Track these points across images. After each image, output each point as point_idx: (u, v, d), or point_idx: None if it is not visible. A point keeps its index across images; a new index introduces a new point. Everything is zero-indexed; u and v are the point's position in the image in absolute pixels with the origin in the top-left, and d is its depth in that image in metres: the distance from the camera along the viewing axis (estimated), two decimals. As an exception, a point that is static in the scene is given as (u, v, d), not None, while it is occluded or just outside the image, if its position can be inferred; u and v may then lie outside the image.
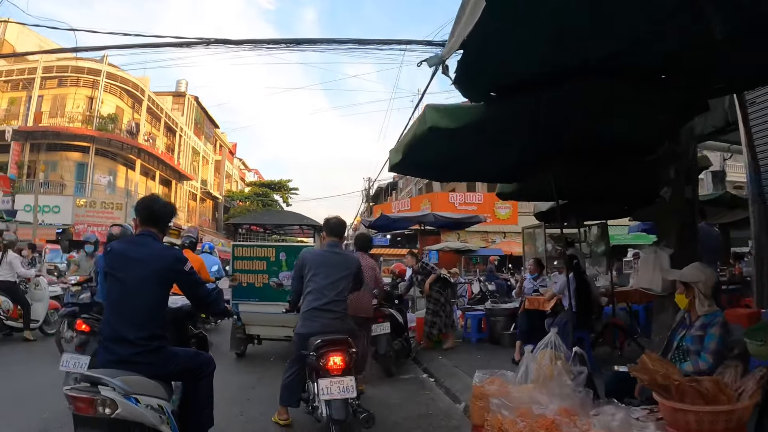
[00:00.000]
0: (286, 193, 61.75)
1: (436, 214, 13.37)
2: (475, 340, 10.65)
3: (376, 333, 7.83)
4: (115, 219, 30.82)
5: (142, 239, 3.74)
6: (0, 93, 33.88)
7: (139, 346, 3.37)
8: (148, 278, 3.51)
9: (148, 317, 3.48)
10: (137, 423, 3.10)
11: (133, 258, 3.56)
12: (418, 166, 6.67)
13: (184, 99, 46.00)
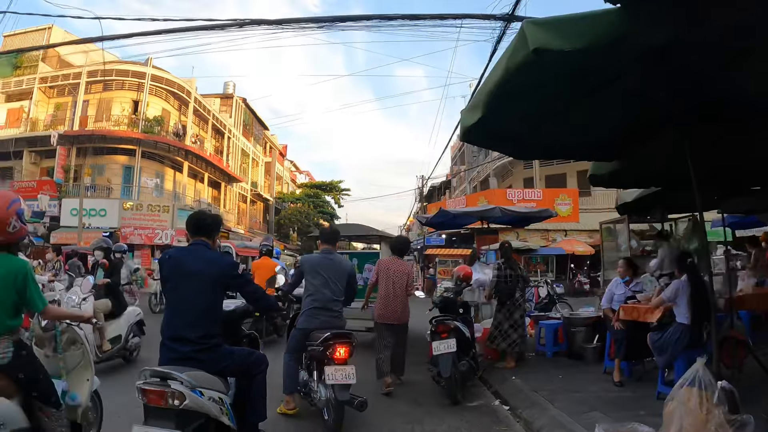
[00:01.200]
0: (337, 194, 61.31)
1: (503, 209, 11.70)
2: (550, 353, 9.15)
3: (439, 352, 6.63)
4: (162, 222, 30.70)
5: (196, 248, 4.03)
6: (46, 99, 34.16)
7: (198, 344, 3.66)
8: (204, 283, 3.81)
9: (205, 318, 3.77)
10: (201, 414, 3.38)
11: (189, 265, 3.87)
12: (496, 132, 4.77)
13: (231, 101, 45.70)
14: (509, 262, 8.75)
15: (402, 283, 7.40)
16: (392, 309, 7.36)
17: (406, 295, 7.48)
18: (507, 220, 12.18)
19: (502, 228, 27.71)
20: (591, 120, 4.72)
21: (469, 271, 9.02)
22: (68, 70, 33.73)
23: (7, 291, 3.36)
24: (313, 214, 55.02)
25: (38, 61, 33.78)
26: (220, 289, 3.97)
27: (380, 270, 7.59)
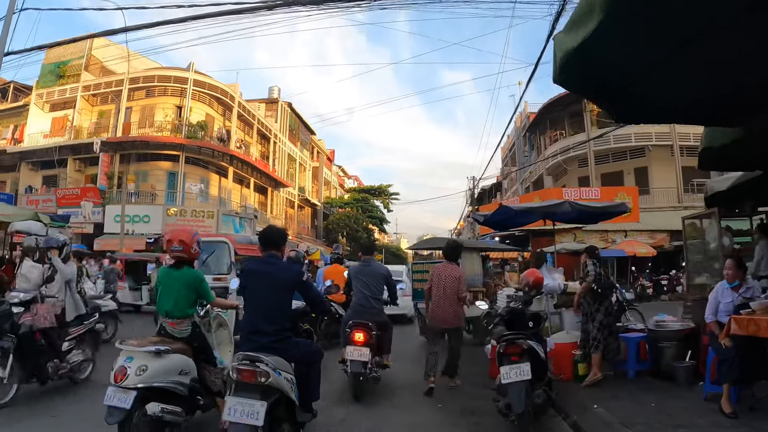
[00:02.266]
0: (386, 198, 60.26)
1: (574, 203, 10.34)
2: (633, 372, 7.56)
3: (509, 380, 5.34)
4: (206, 227, 29.99)
5: (269, 259, 4.85)
6: (90, 107, 34.13)
7: (274, 336, 4.49)
8: (277, 287, 4.66)
9: (279, 315, 4.63)
10: (278, 390, 4.23)
11: (265, 273, 4.72)
12: (597, 76, 3.64)
13: (276, 105, 45.12)
14: (600, 265, 7.65)
15: (452, 288, 7.52)
16: (442, 313, 7.54)
17: (457, 300, 7.56)
18: (575, 216, 10.78)
19: (559, 229, 25.96)
20: (712, 71, 3.54)
21: (540, 277, 7.38)
22: (111, 77, 33.57)
23: (190, 291, 5.18)
24: (362, 219, 54.09)
25: (81, 71, 33.73)
26: (289, 292, 4.79)
27: (433, 275, 7.82)
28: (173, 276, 5.33)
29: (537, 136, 38.86)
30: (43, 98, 34.68)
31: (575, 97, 32.25)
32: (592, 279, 7.37)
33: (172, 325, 5.20)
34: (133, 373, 4.41)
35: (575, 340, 7.69)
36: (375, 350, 7.14)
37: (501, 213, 11.25)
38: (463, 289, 7.61)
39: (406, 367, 8.80)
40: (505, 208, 11.26)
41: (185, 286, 5.22)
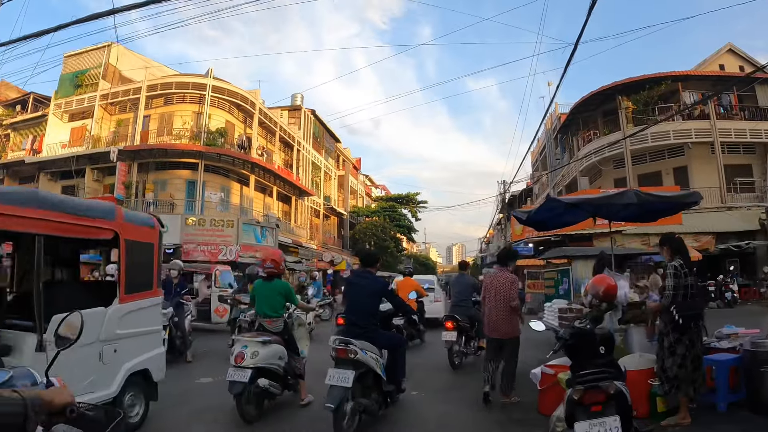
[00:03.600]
0: (414, 206, 59.03)
1: (640, 193, 8.59)
2: (724, 405, 6.02)
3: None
4: (225, 237, 29.07)
5: (364, 274, 6.83)
6: (108, 116, 33.56)
7: (364, 328, 6.24)
8: (367, 294, 6.48)
9: (369, 314, 6.44)
10: (365, 364, 5.87)
11: (360, 284, 6.63)
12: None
13: (300, 113, 44.15)
14: (689, 264, 5.98)
15: (503, 295, 7.27)
16: (494, 322, 7.35)
17: (509, 308, 7.24)
18: (635, 211, 9.14)
19: (596, 233, 24.51)
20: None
21: (613, 285, 5.57)
22: (128, 85, 32.97)
23: (281, 297, 7.20)
24: (389, 228, 52.90)
25: (99, 79, 33.20)
26: (377, 298, 6.59)
27: (485, 282, 7.81)
28: (268, 286, 7.34)
29: (569, 137, 37.23)
30: (61, 108, 34.18)
31: (608, 94, 30.87)
32: (669, 299, 5.75)
33: (269, 322, 7.16)
34: (248, 356, 6.45)
35: (650, 366, 6.09)
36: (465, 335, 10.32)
37: (547, 208, 9.74)
38: (515, 296, 7.30)
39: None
40: (553, 202, 9.66)
41: (277, 293, 7.26)
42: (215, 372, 9.31)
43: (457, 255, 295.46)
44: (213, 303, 17.26)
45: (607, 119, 32.52)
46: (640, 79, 29.08)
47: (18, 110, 37.49)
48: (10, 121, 36.67)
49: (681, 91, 28.68)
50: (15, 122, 36.58)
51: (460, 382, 8.89)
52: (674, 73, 28.97)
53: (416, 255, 75.63)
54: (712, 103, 28.08)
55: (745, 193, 27.49)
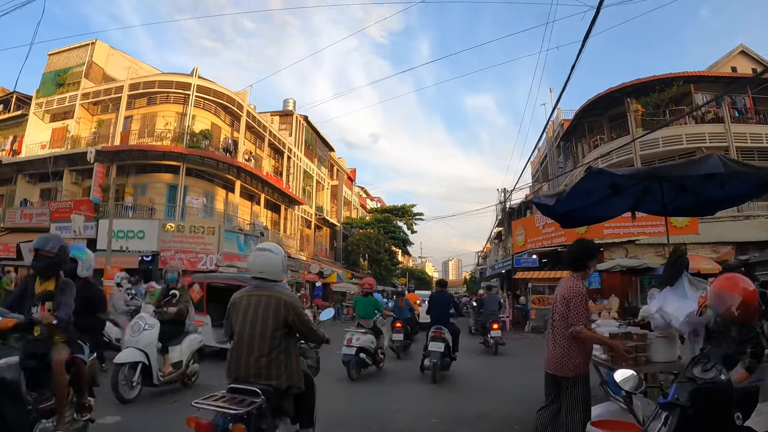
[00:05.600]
0: (410, 218, 57.68)
1: (728, 159, 5.76)
2: None
3: None
4: (206, 245, 27.69)
5: (441, 292, 12.63)
6: (90, 116, 32.27)
7: (443, 323, 11.59)
8: (445, 305, 11.94)
9: (445, 314, 11.83)
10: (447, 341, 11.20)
11: (440, 298, 12.20)
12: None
13: (291, 119, 42.78)
14: None
15: (560, 311, 4.79)
16: (549, 350, 4.95)
17: (566, 331, 4.70)
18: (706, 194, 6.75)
19: (607, 243, 23.04)
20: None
21: (752, 291, 3.49)
22: (110, 84, 31.66)
23: (373, 307, 11.86)
24: (384, 240, 51.50)
25: (81, 78, 31.91)
26: (449, 306, 11.90)
27: (555, 295, 5.19)
28: (365, 301, 11.93)
29: (572, 144, 35.72)
30: (42, 108, 32.99)
31: (615, 97, 29.42)
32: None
33: (365, 322, 11.65)
34: (354, 340, 10.86)
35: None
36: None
37: (584, 189, 6.49)
38: (579, 317, 4.56)
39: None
40: (597, 176, 6.18)
41: (372, 305, 11.84)
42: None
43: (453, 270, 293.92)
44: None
45: (613, 124, 31.07)
46: (650, 80, 27.62)
47: (0, 110, 36.17)
48: (-11, 121, 35.31)
49: (693, 93, 27.23)
50: (-6, 122, 35.23)
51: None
52: (686, 73, 27.51)
53: (412, 269, 74.28)
54: (726, 105, 26.76)
55: (763, 202, 25.80)
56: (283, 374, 4.12)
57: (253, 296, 4.28)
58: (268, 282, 4.40)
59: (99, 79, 32.93)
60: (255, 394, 3.87)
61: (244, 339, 4.15)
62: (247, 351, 4.12)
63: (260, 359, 4.07)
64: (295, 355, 4.35)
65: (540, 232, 27.62)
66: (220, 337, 12.62)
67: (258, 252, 4.50)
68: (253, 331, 4.14)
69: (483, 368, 13.17)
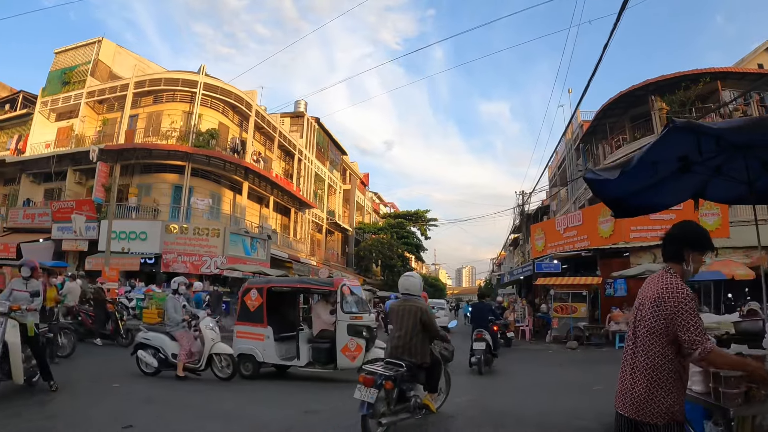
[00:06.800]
0: (423, 224, 56.58)
1: None
2: None
3: None
4: (211, 247, 26.86)
5: (482, 302, 14.54)
6: (95, 115, 31.60)
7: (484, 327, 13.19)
8: (485, 312, 13.81)
9: (486, 320, 13.49)
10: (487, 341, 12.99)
11: (480, 307, 14.00)
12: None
13: (303, 120, 41.87)
14: None
15: (648, 324, 3.10)
16: (623, 382, 3.19)
17: (654, 359, 3.05)
18: None
19: (634, 248, 21.71)
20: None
21: None
22: (116, 82, 30.97)
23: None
24: (397, 245, 50.41)
25: (87, 76, 31.25)
26: (489, 313, 13.67)
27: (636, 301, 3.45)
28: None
29: (592, 145, 34.26)
30: (47, 106, 32.49)
31: (637, 96, 28.04)
32: None
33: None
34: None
35: None
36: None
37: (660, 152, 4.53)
38: (697, 331, 2.92)
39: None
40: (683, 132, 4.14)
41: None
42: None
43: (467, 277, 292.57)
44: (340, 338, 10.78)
45: (635, 124, 29.62)
46: (675, 77, 26.07)
47: (6, 109, 35.71)
48: (-5, 120, 34.87)
49: (720, 90, 25.81)
50: (0, 120, 34.71)
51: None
52: (712, 69, 25.98)
53: (426, 276, 73.12)
54: (755, 103, 25.41)
55: (802, 203, 24.24)
56: (418, 354, 6.58)
57: (403, 305, 6.88)
58: (412, 296, 7.04)
59: (105, 78, 32.32)
60: (400, 365, 6.29)
61: (396, 332, 6.76)
62: (397, 339, 6.69)
63: (405, 344, 6.60)
64: (426, 343, 6.81)
65: (561, 236, 26.30)
66: (284, 353, 11.04)
67: (406, 277, 7.27)
68: (401, 327, 6.71)
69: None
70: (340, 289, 10.83)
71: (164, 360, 10.31)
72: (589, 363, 15.29)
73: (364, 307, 11.54)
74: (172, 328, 10.41)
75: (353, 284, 11.74)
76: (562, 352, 18.13)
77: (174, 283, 11.24)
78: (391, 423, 6.31)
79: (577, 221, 25.46)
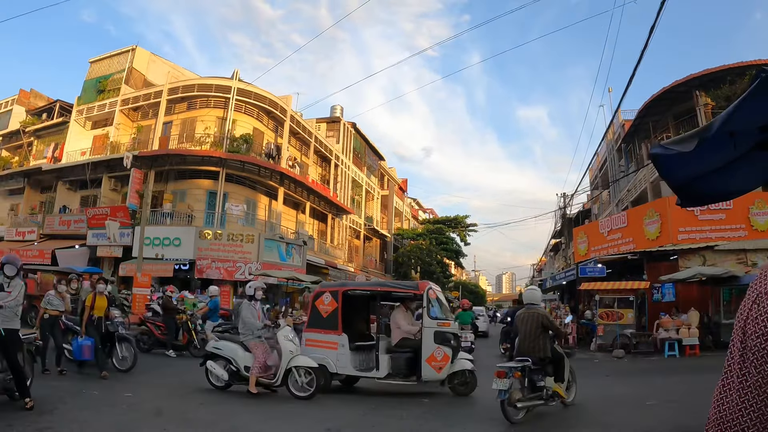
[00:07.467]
0: (463, 230, 55.51)
1: None
2: None
3: None
4: (245, 253, 26.36)
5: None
6: (130, 122, 31.64)
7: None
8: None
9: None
10: None
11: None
12: None
13: (339, 125, 41.40)
14: None
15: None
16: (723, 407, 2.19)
17: None
18: None
19: (684, 250, 20.45)
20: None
21: None
22: (149, 89, 30.98)
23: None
24: (436, 251, 49.52)
25: (121, 84, 31.34)
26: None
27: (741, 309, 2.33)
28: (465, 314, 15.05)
29: (635, 145, 32.75)
30: (83, 115, 32.77)
31: (680, 92, 26.62)
32: None
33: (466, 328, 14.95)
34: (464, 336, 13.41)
35: None
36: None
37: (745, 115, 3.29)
38: None
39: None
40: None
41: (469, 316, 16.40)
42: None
43: (506, 283, 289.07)
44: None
45: (679, 121, 28.14)
46: (720, 71, 24.60)
47: (43, 118, 36.13)
48: (33, 129, 35.48)
49: (768, 84, 24.31)
50: (38, 129, 35.41)
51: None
52: (759, 61, 24.44)
53: (465, 282, 72.04)
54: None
55: None
56: (540, 350, 7.82)
57: (527, 312, 8.23)
58: (534, 305, 8.45)
59: (140, 85, 32.36)
60: (526, 360, 7.59)
61: (523, 334, 8.03)
62: (523, 340, 8.00)
63: (529, 343, 7.90)
64: (548, 341, 8.01)
65: (605, 238, 25.10)
66: (358, 363, 10.04)
67: (529, 290, 9.06)
68: (527, 330, 7.99)
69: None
70: (426, 292, 9.84)
71: (236, 373, 9.28)
72: (639, 374, 14.25)
73: (449, 313, 10.64)
74: (246, 337, 9.36)
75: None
76: (608, 361, 16.89)
77: (250, 288, 10.12)
78: (525, 407, 7.42)
79: (621, 223, 24.30)
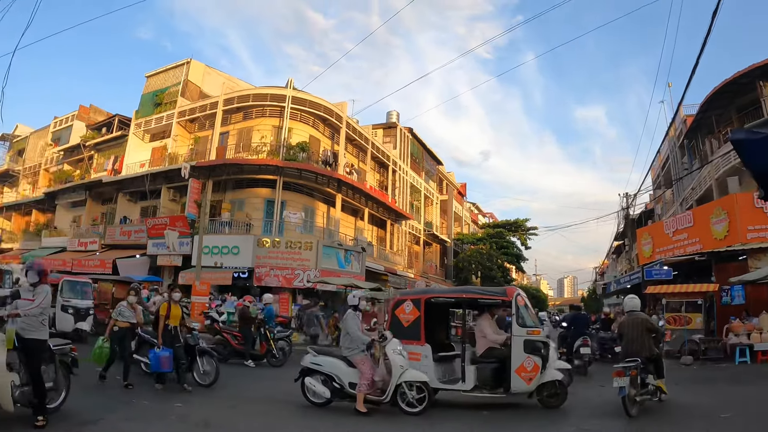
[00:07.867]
0: (523, 233, 54.25)
1: None
2: None
3: None
4: (303, 261, 26.08)
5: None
6: (187, 134, 32.01)
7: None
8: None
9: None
10: None
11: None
12: None
13: (395, 131, 40.82)
14: None
15: None
16: None
17: None
18: None
19: (754, 249, 19.06)
20: None
21: None
22: (205, 101, 31.31)
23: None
24: (496, 256, 48.48)
25: (177, 97, 31.78)
26: (587, 327, 15.15)
27: None
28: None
29: (698, 141, 31.03)
30: (141, 128, 33.50)
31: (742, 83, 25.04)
32: None
33: None
34: None
35: None
36: None
37: None
38: None
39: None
40: None
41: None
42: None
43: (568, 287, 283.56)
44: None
45: (743, 114, 26.46)
46: (783, 57, 23.13)
47: (103, 132, 37.00)
48: (93, 143, 36.30)
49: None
50: (97, 143, 36.23)
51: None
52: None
53: (526, 286, 70.53)
54: None
55: None
56: (646, 350, 8.67)
57: (631, 318, 9.14)
58: (635, 312, 9.28)
59: (195, 97, 32.77)
60: (636, 360, 8.42)
61: (630, 337, 8.94)
62: (631, 343, 8.88)
63: (637, 345, 8.75)
64: (651, 342, 8.89)
65: (670, 239, 23.79)
66: (442, 375, 9.38)
67: (630, 298, 9.70)
68: (634, 334, 8.90)
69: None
70: (515, 299, 9.16)
71: (339, 390, 8.71)
72: (710, 382, 13.06)
73: (537, 321, 9.90)
74: (351, 351, 8.75)
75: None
76: (676, 369, 15.47)
77: (353, 297, 9.59)
78: (640, 402, 8.32)
79: (687, 223, 23.01)
